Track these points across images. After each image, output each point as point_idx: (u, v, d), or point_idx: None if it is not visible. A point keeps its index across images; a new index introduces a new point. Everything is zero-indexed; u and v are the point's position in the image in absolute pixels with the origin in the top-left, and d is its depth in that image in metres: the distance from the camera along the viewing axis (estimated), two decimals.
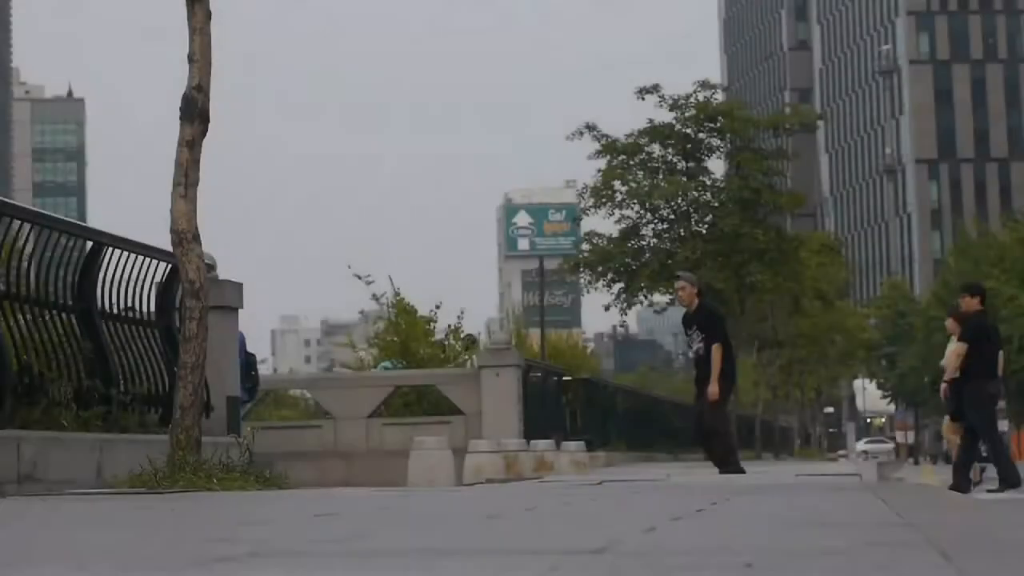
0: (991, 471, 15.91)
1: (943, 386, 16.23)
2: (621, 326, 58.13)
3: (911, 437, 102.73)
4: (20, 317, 9.58)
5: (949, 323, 16.85)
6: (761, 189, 47.44)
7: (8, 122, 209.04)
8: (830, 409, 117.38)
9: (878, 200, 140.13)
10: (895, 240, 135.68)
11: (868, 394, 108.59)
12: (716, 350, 15.76)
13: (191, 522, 4.55)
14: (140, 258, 11.14)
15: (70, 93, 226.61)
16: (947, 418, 17.79)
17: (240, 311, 12.90)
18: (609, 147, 47.85)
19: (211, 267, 10.67)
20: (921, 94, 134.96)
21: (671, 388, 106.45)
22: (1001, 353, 16.06)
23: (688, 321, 16.33)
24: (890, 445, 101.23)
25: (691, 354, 16.67)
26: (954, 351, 15.78)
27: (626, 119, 58.04)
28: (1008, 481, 14.95)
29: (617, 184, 47.83)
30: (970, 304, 16.17)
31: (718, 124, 48.14)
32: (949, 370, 15.79)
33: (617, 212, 48.17)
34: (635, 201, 48.01)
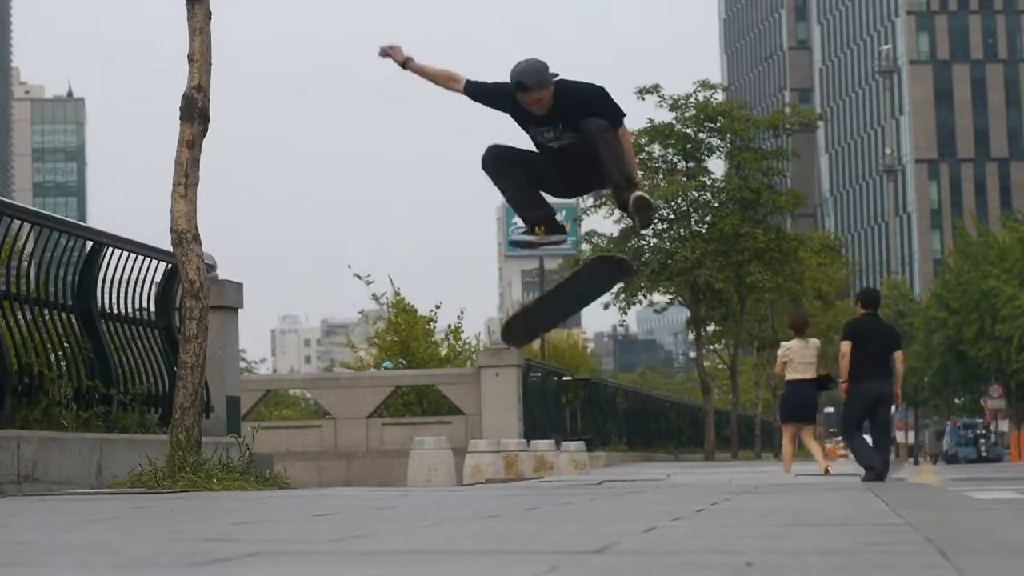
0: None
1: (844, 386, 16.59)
2: (621, 326, 58.16)
3: (911, 437, 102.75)
4: (20, 317, 9.58)
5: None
6: (761, 189, 47.47)
7: (8, 122, 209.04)
8: (830, 409, 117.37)
9: (878, 200, 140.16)
10: (895, 240, 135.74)
11: None
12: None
13: (191, 522, 4.55)
14: (140, 258, 11.14)
15: (70, 93, 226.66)
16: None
17: (240, 311, 12.91)
18: None
19: (211, 267, 10.67)
20: (921, 94, 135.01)
21: (671, 388, 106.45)
22: (899, 354, 16.43)
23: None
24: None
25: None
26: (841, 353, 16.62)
27: (626, 119, 57.97)
28: (870, 470, 15.68)
29: None
30: (859, 311, 16.99)
31: (718, 124, 48.17)
32: (842, 371, 16.55)
33: (617, 212, 48.19)
34: None
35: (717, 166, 50.16)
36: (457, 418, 24.71)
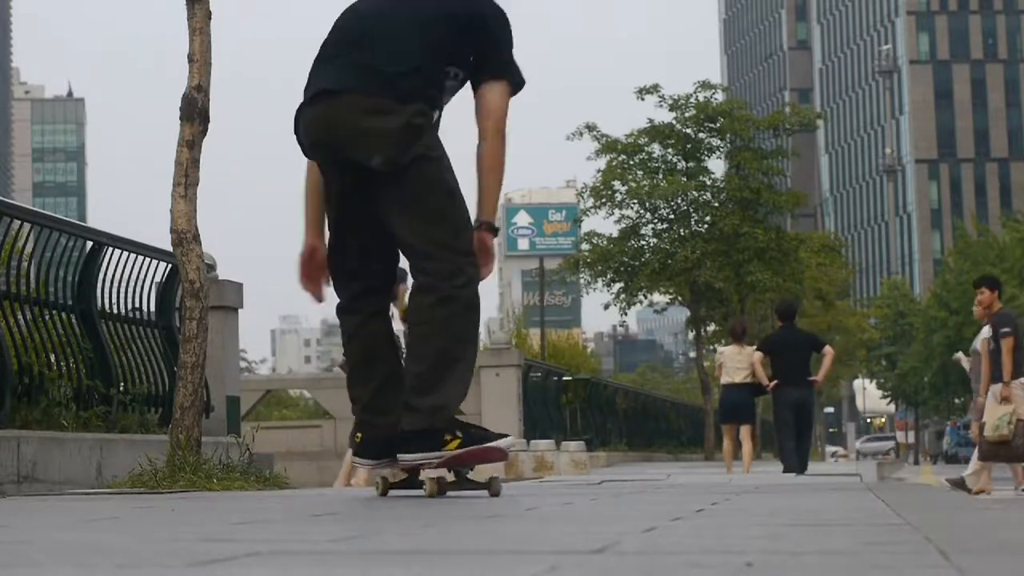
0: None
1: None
2: (621, 326, 58.20)
3: (911, 437, 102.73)
4: (20, 317, 9.58)
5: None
6: (761, 189, 47.49)
7: (8, 122, 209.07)
8: (830, 409, 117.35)
9: (878, 200, 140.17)
10: (895, 240, 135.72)
11: (868, 394, 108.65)
12: None
13: (191, 522, 4.55)
14: (140, 258, 11.15)
15: (70, 93, 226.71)
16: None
17: (240, 311, 12.91)
18: (609, 147, 47.90)
19: (211, 267, 10.67)
20: (921, 94, 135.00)
21: (671, 388, 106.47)
22: (828, 350, 18.30)
23: None
24: (889, 443, 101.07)
25: None
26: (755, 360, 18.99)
27: (626, 119, 58.13)
28: (787, 467, 18.10)
29: (617, 184, 47.88)
30: (777, 324, 19.56)
31: (718, 124, 48.18)
32: (759, 377, 18.85)
33: (617, 212, 48.25)
34: (635, 201, 48.07)
35: (717, 166, 50.20)
36: None
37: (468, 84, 6.49)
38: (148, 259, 11.24)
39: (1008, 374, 14.68)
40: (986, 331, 15.46)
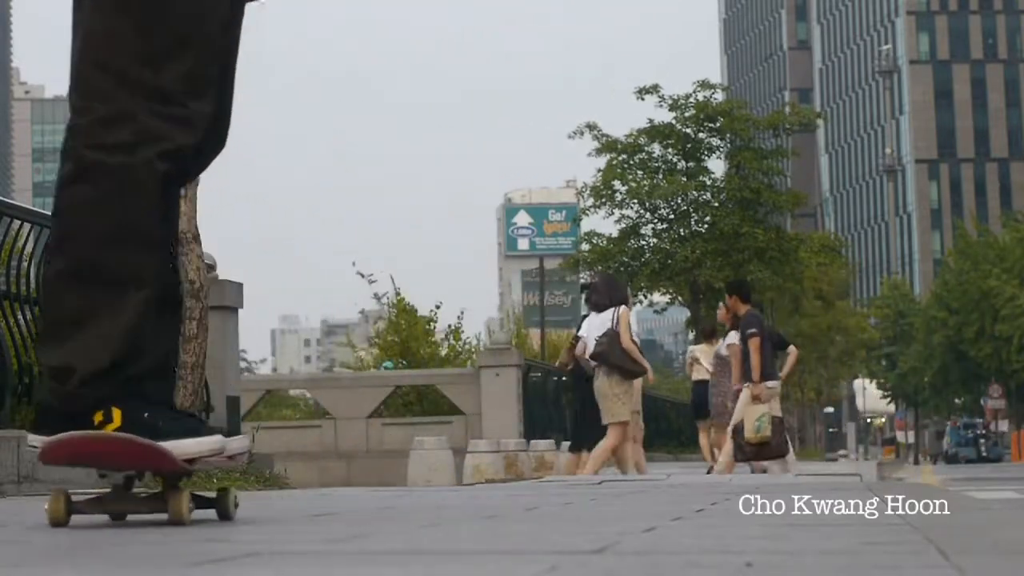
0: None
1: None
2: None
3: (911, 437, 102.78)
4: (20, 317, 9.58)
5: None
6: (761, 189, 47.53)
7: (8, 122, 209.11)
8: (830, 409, 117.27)
9: (878, 200, 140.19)
10: (895, 240, 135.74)
11: (868, 394, 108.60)
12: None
13: (191, 522, 4.54)
14: None
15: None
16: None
17: (240, 311, 12.91)
18: (609, 146, 47.94)
19: (211, 267, 10.66)
20: (921, 94, 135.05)
21: (671, 388, 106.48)
22: (792, 349, 18.01)
23: None
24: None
25: None
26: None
27: (626, 119, 58.15)
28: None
29: (617, 184, 47.92)
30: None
31: (718, 124, 48.22)
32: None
33: (617, 212, 48.28)
34: (635, 201, 48.11)
35: (717, 166, 50.25)
36: (457, 418, 24.70)
37: None
38: None
39: (758, 374, 14.86)
40: (732, 335, 15.93)
